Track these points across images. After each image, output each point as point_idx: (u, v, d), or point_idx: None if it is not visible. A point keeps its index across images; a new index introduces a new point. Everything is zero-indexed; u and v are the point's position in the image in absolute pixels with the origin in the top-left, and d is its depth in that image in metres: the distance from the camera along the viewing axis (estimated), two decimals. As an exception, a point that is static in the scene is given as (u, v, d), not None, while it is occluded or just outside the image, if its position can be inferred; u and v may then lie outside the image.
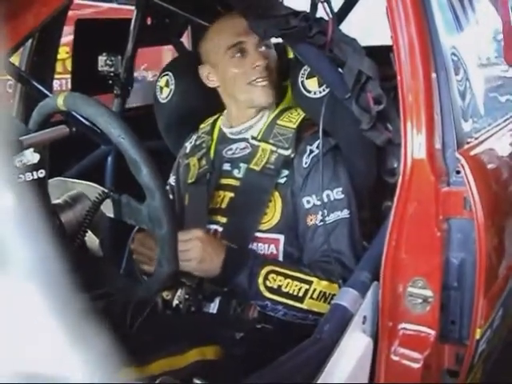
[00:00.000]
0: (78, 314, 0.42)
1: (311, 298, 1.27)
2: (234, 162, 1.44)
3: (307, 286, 1.27)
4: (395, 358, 1.14)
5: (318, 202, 1.34)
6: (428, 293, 1.12)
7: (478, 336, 1.16)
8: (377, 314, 1.14)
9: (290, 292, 1.27)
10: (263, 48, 1.41)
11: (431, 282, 1.12)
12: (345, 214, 1.34)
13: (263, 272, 1.27)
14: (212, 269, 1.27)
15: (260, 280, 1.26)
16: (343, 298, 1.14)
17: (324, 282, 1.28)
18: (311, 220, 1.35)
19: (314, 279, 1.28)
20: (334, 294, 1.26)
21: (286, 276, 1.27)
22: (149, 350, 1.20)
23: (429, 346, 1.14)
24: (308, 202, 1.36)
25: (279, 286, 1.27)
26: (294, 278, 1.27)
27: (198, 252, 1.24)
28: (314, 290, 1.27)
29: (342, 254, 1.32)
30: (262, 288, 1.27)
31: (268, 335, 1.31)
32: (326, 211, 1.33)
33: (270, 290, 1.27)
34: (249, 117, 1.45)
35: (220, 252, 1.26)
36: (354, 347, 1.09)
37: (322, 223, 1.33)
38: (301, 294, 1.27)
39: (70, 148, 1.49)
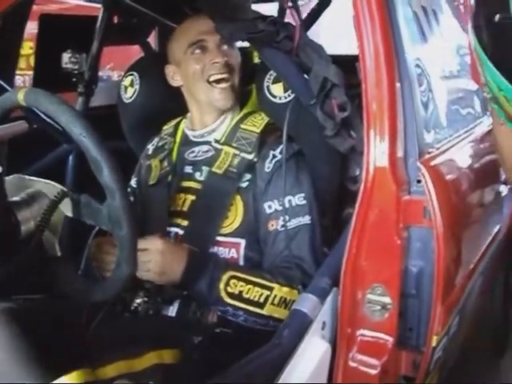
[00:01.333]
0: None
1: (272, 304, 1.27)
2: (196, 165, 1.43)
3: (268, 292, 1.27)
4: (353, 364, 1.15)
5: (280, 208, 1.34)
6: (387, 300, 1.13)
7: (434, 343, 1.17)
8: (336, 320, 1.15)
9: (251, 298, 1.26)
10: (225, 47, 1.41)
11: (390, 289, 1.13)
12: (306, 220, 1.35)
13: (225, 278, 1.26)
14: (173, 278, 1.26)
15: (221, 286, 1.26)
16: (303, 303, 1.14)
17: (285, 289, 1.28)
18: (272, 225, 1.35)
19: (276, 285, 1.28)
20: (294, 300, 1.26)
21: (248, 282, 1.27)
22: (106, 352, 1.18)
23: (386, 353, 1.15)
24: (269, 206, 1.35)
25: (240, 292, 1.26)
26: (255, 284, 1.27)
27: (157, 266, 1.23)
28: (275, 296, 1.27)
29: (302, 259, 1.32)
30: (223, 294, 1.26)
31: (227, 340, 1.30)
32: (287, 217, 1.33)
33: (231, 295, 1.26)
34: (210, 120, 1.45)
35: (181, 259, 1.25)
36: (312, 352, 1.10)
37: (283, 228, 1.33)
38: (262, 300, 1.27)
39: (31, 145, 1.46)
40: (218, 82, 1.40)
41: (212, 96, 1.41)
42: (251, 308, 1.27)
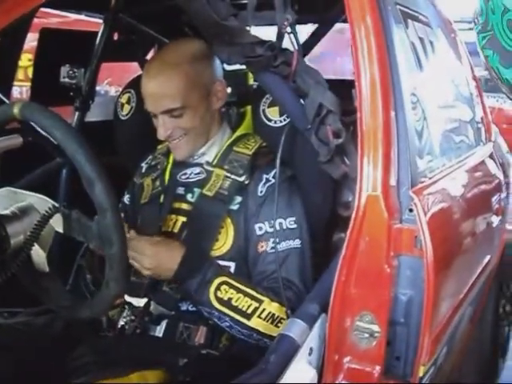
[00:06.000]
0: None
1: (259, 317, 1.27)
2: (188, 187, 1.43)
3: (257, 305, 1.27)
4: (339, 392, 1.14)
5: (270, 230, 1.34)
6: (375, 328, 1.13)
7: (421, 373, 1.16)
8: (323, 347, 1.14)
9: (239, 307, 1.26)
10: (171, 119, 1.36)
11: (378, 317, 1.13)
12: (296, 243, 1.34)
13: (216, 281, 1.26)
14: (166, 274, 1.28)
15: (212, 289, 1.26)
16: (290, 328, 1.13)
17: (274, 304, 1.28)
18: (262, 247, 1.35)
19: (266, 299, 1.28)
20: (282, 318, 1.26)
21: (239, 290, 1.27)
22: (88, 372, 1.17)
23: (373, 381, 1.14)
24: (260, 228, 1.35)
25: (229, 299, 1.26)
26: (245, 294, 1.27)
27: (148, 265, 1.26)
28: (264, 309, 1.27)
29: (292, 282, 1.32)
30: (212, 297, 1.26)
31: (213, 362, 1.29)
32: (277, 239, 1.32)
33: (220, 300, 1.26)
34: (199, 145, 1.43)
35: (175, 256, 1.26)
36: (298, 378, 1.09)
37: (272, 250, 1.33)
38: (249, 311, 1.26)
39: (24, 157, 1.45)
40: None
41: (170, 146, 1.43)
42: (238, 317, 1.26)
